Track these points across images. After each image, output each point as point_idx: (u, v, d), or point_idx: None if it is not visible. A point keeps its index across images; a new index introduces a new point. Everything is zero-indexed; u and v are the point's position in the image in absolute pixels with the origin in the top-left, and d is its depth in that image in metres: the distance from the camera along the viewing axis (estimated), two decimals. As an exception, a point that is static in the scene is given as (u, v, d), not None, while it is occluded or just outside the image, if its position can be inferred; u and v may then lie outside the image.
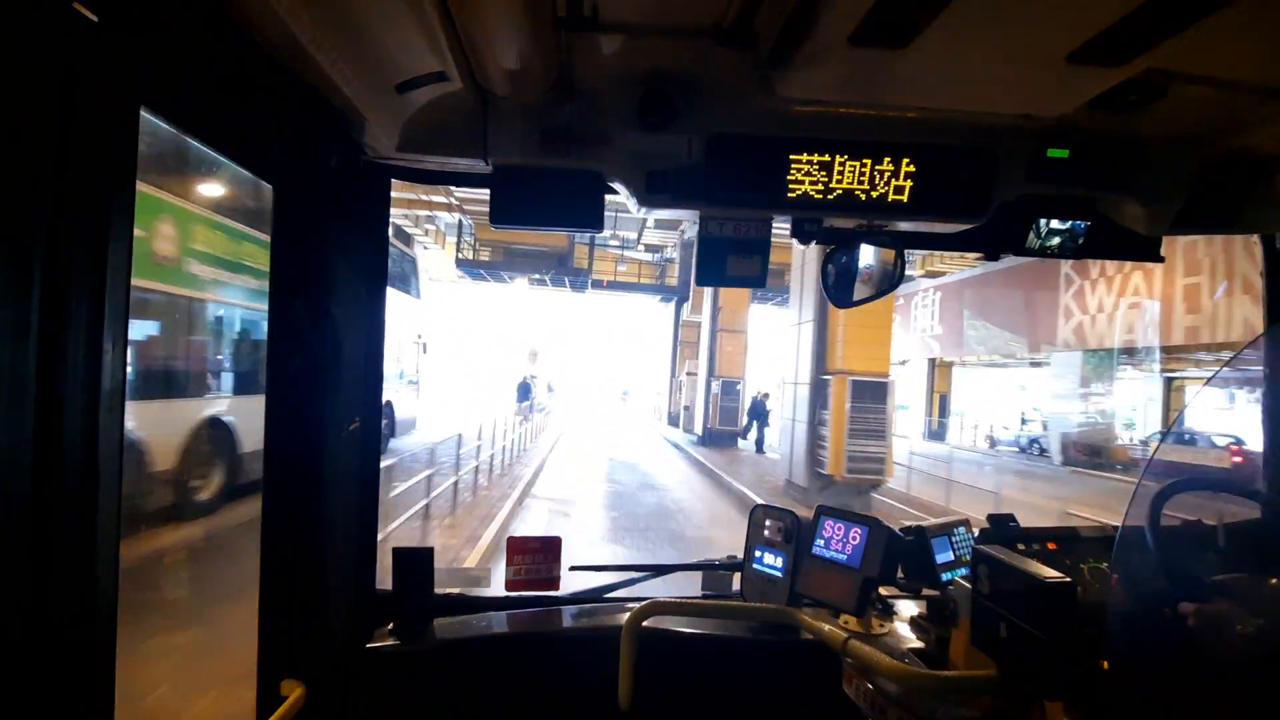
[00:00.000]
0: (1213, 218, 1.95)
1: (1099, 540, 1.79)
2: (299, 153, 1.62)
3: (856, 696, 1.80)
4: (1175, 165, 1.86)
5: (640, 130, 1.68)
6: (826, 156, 1.68)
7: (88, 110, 0.90)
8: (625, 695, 1.91)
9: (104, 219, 0.93)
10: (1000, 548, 1.50)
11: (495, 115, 1.73)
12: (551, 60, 1.49)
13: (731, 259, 1.88)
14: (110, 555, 0.97)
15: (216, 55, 1.15)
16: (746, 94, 1.59)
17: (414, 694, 2.04)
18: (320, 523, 1.82)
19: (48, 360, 0.85)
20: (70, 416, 0.88)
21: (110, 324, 0.94)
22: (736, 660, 2.18)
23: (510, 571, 2.30)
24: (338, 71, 1.29)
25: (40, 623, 0.86)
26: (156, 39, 1.02)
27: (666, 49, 1.52)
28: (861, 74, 1.39)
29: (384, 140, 1.68)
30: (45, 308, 0.85)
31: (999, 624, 1.42)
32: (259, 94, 1.31)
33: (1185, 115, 1.70)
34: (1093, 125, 1.76)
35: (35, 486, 0.84)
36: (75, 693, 0.93)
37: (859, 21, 1.14)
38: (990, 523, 1.91)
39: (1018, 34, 1.19)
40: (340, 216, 1.80)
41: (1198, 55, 1.36)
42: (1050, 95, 1.46)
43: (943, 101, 1.53)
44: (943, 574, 2.04)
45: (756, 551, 2.31)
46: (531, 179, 1.80)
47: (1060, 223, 1.91)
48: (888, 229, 1.89)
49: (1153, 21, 1.09)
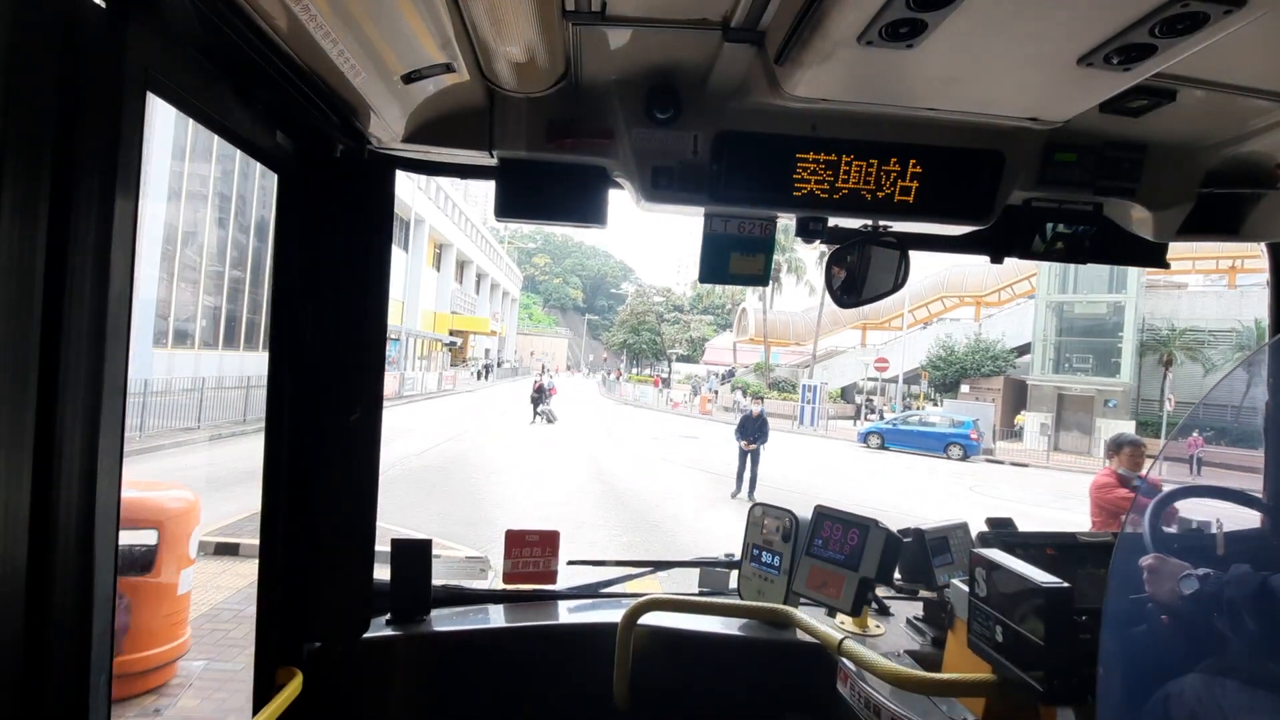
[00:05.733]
0: (1219, 225, 1.94)
1: (1097, 546, 1.79)
2: (304, 142, 1.62)
3: (851, 696, 1.80)
4: (1182, 171, 1.85)
5: (646, 125, 1.67)
6: (833, 156, 1.67)
7: (94, 96, 0.90)
8: (620, 690, 1.92)
9: (109, 203, 0.93)
10: (998, 552, 1.50)
11: (501, 108, 1.72)
12: (558, 53, 1.48)
13: (735, 257, 1.87)
14: (107, 558, 0.97)
15: (223, 43, 1.15)
16: (754, 91, 1.58)
17: (410, 684, 2.05)
18: (319, 513, 1.83)
19: (51, 341, 0.86)
20: (71, 404, 0.89)
21: (114, 306, 0.95)
22: (731, 658, 2.19)
23: (508, 564, 2.31)
24: (345, 61, 1.29)
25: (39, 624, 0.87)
26: (163, 26, 1.02)
27: (674, 44, 1.51)
28: (870, 73, 1.38)
29: (389, 131, 1.68)
30: (49, 288, 0.85)
31: (995, 627, 1.42)
32: (265, 82, 1.30)
33: (1193, 121, 1.69)
34: (1100, 129, 1.75)
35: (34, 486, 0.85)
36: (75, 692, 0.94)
37: (868, 21, 1.13)
38: (988, 526, 1.91)
39: (1027, 36, 1.18)
40: (345, 206, 1.80)
41: (1206, 62, 1.35)
42: (1058, 99, 1.45)
43: (951, 103, 1.52)
44: (940, 576, 2.04)
45: (754, 550, 2.31)
46: (537, 172, 1.79)
47: (1067, 227, 1.90)
48: (893, 230, 1.88)
49: (1162, 27, 1.08)
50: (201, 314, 23.26)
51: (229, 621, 5.85)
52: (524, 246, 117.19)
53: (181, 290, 21.98)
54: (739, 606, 2.21)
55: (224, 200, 23.73)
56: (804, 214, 1.78)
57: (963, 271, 40.26)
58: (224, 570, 7.01)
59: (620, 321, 73.35)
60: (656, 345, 66.34)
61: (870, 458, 23.54)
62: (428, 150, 1.79)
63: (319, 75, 1.35)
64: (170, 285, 21.22)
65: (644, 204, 1.77)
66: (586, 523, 10.20)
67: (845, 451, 24.76)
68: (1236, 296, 28.92)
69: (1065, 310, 30.42)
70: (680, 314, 70.92)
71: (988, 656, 1.45)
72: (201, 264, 22.83)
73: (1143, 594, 1.28)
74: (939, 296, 42.13)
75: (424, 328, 42.10)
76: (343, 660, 1.91)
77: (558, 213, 1.84)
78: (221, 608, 6.13)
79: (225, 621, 5.85)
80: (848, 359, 41.74)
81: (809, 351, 43.09)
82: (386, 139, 1.72)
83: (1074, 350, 30.18)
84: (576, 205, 1.82)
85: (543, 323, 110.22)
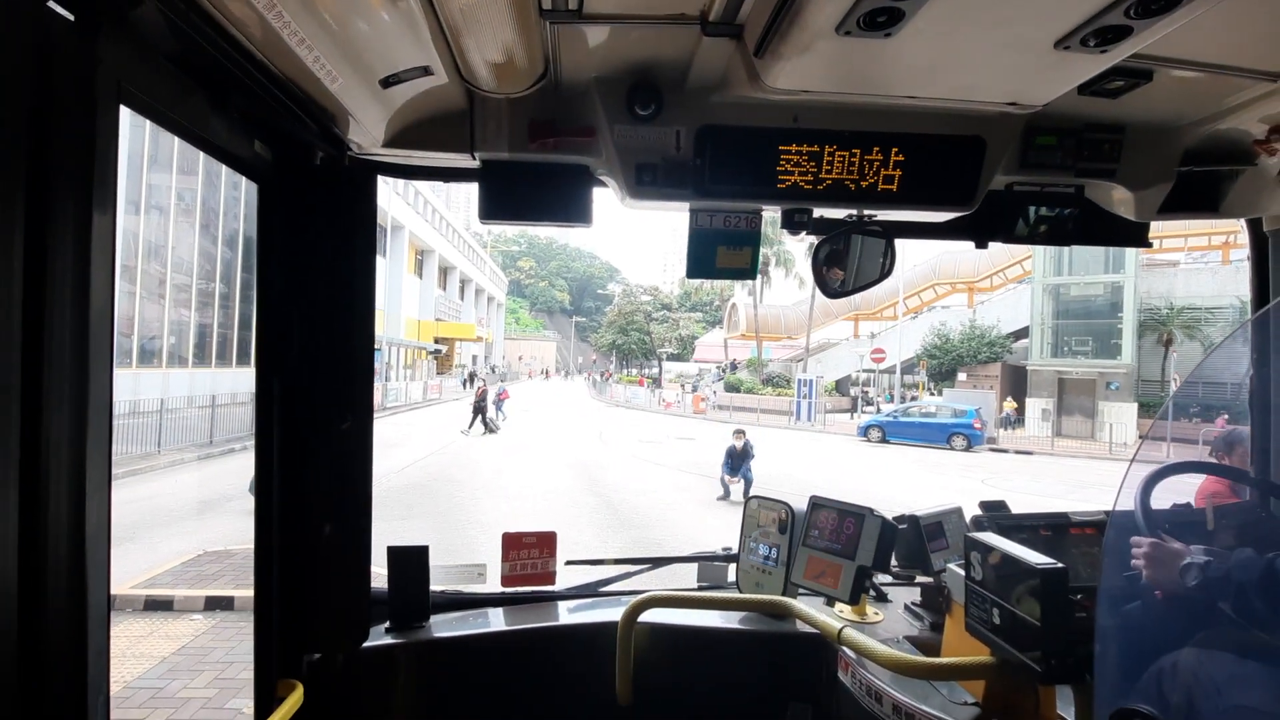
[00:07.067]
0: (1199, 203, 1.96)
1: (1091, 525, 1.80)
2: (283, 150, 1.60)
3: (852, 684, 1.81)
4: (1161, 151, 1.87)
5: (628, 122, 1.67)
6: (816, 147, 1.68)
7: (67, 111, 0.89)
8: (623, 689, 1.92)
9: (86, 219, 0.91)
10: (992, 535, 1.51)
11: (482, 109, 1.71)
12: (537, 53, 1.47)
13: (722, 251, 1.88)
14: (100, 577, 0.96)
15: (196, 52, 1.13)
16: (734, 85, 1.58)
17: (412, 691, 2.04)
18: (314, 524, 1.81)
19: (33, 359, 0.84)
20: (56, 418, 0.87)
21: (95, 322, 0.93)
22: (733, 651, 2.19)
23: (506, 567, 2.30)
24: (321, 67, 1.28)
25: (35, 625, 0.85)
26: (134, 37, 1.01)
27: (653, 40, 1.51)
28: (849, 63, 1.38)
29: (369, 136, 1.67)
30: (28, 307, 0.84)
31: (992, 610, 1.43)
32: (241, 91, 1.29)
33: (1170, 101, 1.71)
34: (1079, 112, 1.77)
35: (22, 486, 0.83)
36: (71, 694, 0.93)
37: (846, 11, 1.14)
38: (982, 509, 1.93)
39: (1004, 21, 1.19)
40: (327, 214, 1.78)
41: (1182, 41, 1.36)
42: (1037, 83, 1.46)
43: (931, 90, 1.53)
44: (936, 561, 2.06)
45: (751, 543, 2.32)
46: (520, 173, 1.78)
47: (1049, 210, 1.92)
48: (878, 219, 1.89)
49: (1138, 8, 1.09)
50: (169, 330, 22.91)
51: (142, 707, 4.68)
52: (508, 250, 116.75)
53: (147, 305, 21.64)
54: (738, 600, 2.22)
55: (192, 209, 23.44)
56: (789, 206, 1.78)
57: (954, 258, 40.33)
58: (151, 632, 5.96)
59: (608, 322, 73.19)
60: (646, 345, 66.28)
61: (873, 452, 23.05)
62: (409, 155, 1.78)
63: (295, 82, 1.34)
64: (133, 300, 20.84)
65: (628, 201, 1.76)
66: (582, 543, 9.38)
67: (846, 446, 24.30)
68: (1232, 272, 28.88)
69: (1062, 293, 30.33)
70: (669, 312, 70.78)
71: (986, 639, 1.46)
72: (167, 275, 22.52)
73: (1137, 571, 1.29)
74: (931, 284, 42.17)
75: (407, 336, 41.85)
76: (343, 670, 1.90)
77: (542, 213, 1.83)
78: (136, 686, 4.99)
79: (136, 708, 4.67)
80: (841, 351, 41.67)
81: (802, 345, 43.13)
82: (367, 144, 1.71)
83: (1073, 333, 30.04)
84: (561, 205, 1.82)
85: (530, 327, 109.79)
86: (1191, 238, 31.26)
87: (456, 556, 8.58)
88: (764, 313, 47.04)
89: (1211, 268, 31.23)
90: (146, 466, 14.03)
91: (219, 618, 6.38)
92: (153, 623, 6.21)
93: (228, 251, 25.59)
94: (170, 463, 14.80)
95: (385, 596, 2.09)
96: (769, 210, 1.86)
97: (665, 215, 7.75)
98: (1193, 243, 32.51)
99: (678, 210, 1.86)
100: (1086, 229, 1.96)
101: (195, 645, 5.81)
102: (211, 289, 25.14)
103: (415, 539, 2.17)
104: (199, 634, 6.03)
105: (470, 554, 8.44)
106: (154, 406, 16.51)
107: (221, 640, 5.93)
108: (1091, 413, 28.62)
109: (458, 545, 9.13)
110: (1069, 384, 30.00)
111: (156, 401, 16.77)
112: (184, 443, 16.57)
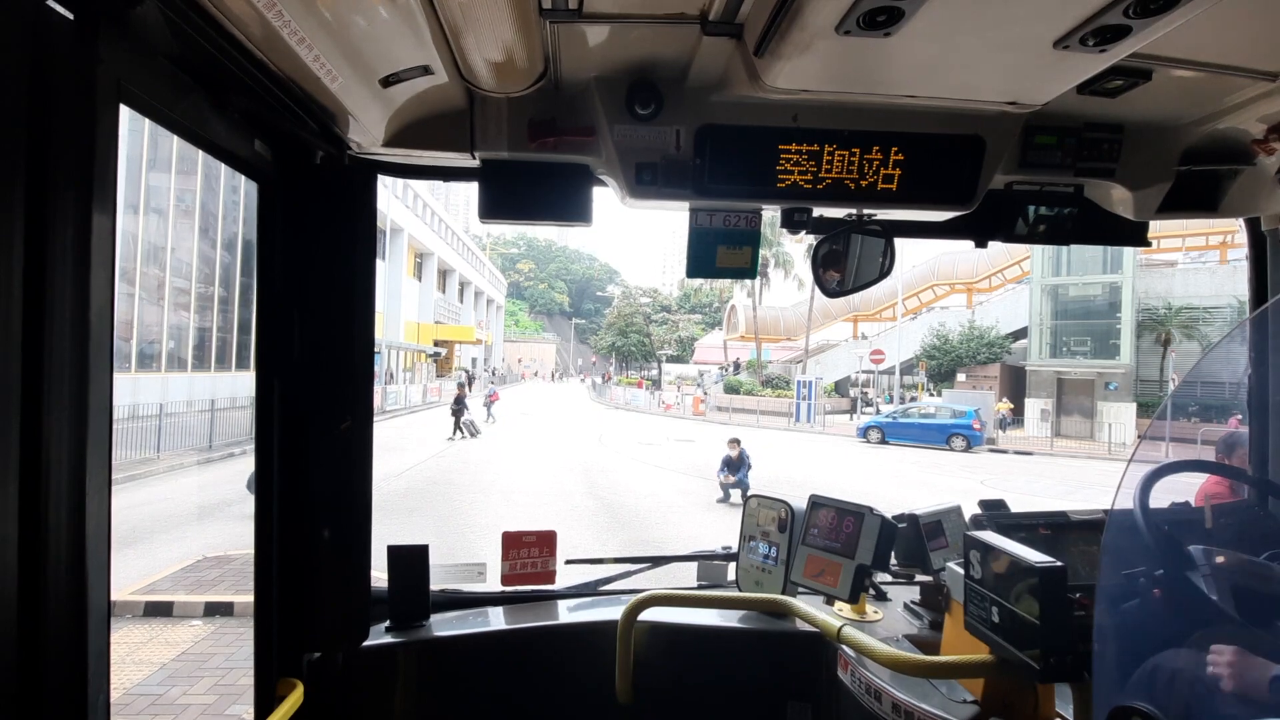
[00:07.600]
0: (1198, 202, 1.97)
1: (1090, 524, 1.80)
2: (283, 150, 1.61)
3: (852, 683, 1.81)
4: (1160, 150, 1.87)
5: (628, 122, 1.67)
6: (815, 146, 1.68)
7: (67, 111, 0.89)
8: (623, 687, 1.92)
9: (86, 218, 0.91)
10: (991, 533, 1.51)
11: (482, 109, 1.72)
12: (537, 52, 1.48)
13: (722, 250, 1.88)
14: (100, 579, 0.96)
15: (196, 52, 1.13)
16: (734, 84, 1.58)
17: (412, 690, 2.04)
18: (314, 523, 1.81)
19: (33, 360, 0.84)
20: (56, 420, 0.88)
21: (95, 322, 0.94)
22: (732, 649, 2.19)
23: (506, 566, 2.30)
24: (321, 67, 1.28)
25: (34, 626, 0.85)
26: (134, 37, 1.01)
27: (653, 39, 1.51)
28: (849, 63, 1.39)
29: (369, 136, 1.67)
30: (28, 307, 0.84)
31: (991, 608, 1.43)
32: (241, 91, 1.29)
33: (1169, 100, 1.71)
34: (1079, 111, 1.77)
35: (21, 487, 0.83)
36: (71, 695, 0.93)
37: (846, 10, 1.14)
38: (981, 508, 1.93)
39: (1004, 21, 1.19)
40: (327, 213, 1.78)
41: (1181, 40, 1.37)
42: (1036, 82, 1.47)
43: (930, 90, 1.53)
44: (935, 560, 2.06)
45: (750, 542, 2.32)
46: (520, 172, 1.79)
47: (1048, 209, 1.92)
48: (878, 218, 1.89)
49: (1137, 7, 1.09)
50: (168, 334, 22.84)
51: (141, 714, 4.69)
52: (507, 252, 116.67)
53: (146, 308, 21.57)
54: (738, 598, 2.22)
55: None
56: (788, 205, 1.79)
57: (953, 259, 40.34)
58: (151, 638, 5.93)
59: (608, 324, 73.10)
60: (646, 347, 66.24)
61: (874, 453, 23.01)
62: (409, 154, 1.78)
63: (295, 82, 1.34)
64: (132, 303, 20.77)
65: (628, 200, 1.77)
66: (582, 545, 9.28)
67: (846, 448, 24.28)
68: (1229, 271, 28.89)
69: (1060, 293, 30.34)
70: (668, 314, 70.77)
71: (985, 637, 1.46)
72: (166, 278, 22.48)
73: (1135, 569, 1.29)
74: (930, 285, 42.16)
75: (406, 339, 41.77)
76: (343, 669, 1.90)
77: (542, 212, 1.84)
78: (135, 693, 4.96)
79: (136, 715, 4.67)
80: (840, 352, 41.64)
81: (801, 346, 43.09)
82: (367, 144, 1.71)
83: (1071, 333, 30.06)
84: (561, 204, 1.82)
85: (529, 329, 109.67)
86: (1189, 237, 31.30)
87: (456, 559, 8.56)
88: (763, 314, 47.04)
89: (1209, 267, 31.24)
90: (145, 471, 13.94)
91: (219, 623, 6.36)
92: (152, 628, 6.20)
93: (227, 255, 25.55)
94: (169, 467, 14.68)
95: (385, 596, 2.09)
96: (769, 210, 1.87)
97: (665, 217, 7.76)
98: (1190, 242, 32.55)
99: (678, 209, 1.86)
100: (1086, 228, 1.97)
101: (195, 651, 5.79)
102: (211, 292, 25.11)
103: (414, 539, 2.17)
104: (198, 640, 6.01)
105: (469, 557, 8.25)
106: (153, 411, 16.38)
107: (221, 646, 5.90)
108: (1090, 413, 28.62)
109: (457, 549, 9.09)
110: (1068, 384, 30.01)
111: (155, 406, 16.66)
112: (183, 447, 16.46)
